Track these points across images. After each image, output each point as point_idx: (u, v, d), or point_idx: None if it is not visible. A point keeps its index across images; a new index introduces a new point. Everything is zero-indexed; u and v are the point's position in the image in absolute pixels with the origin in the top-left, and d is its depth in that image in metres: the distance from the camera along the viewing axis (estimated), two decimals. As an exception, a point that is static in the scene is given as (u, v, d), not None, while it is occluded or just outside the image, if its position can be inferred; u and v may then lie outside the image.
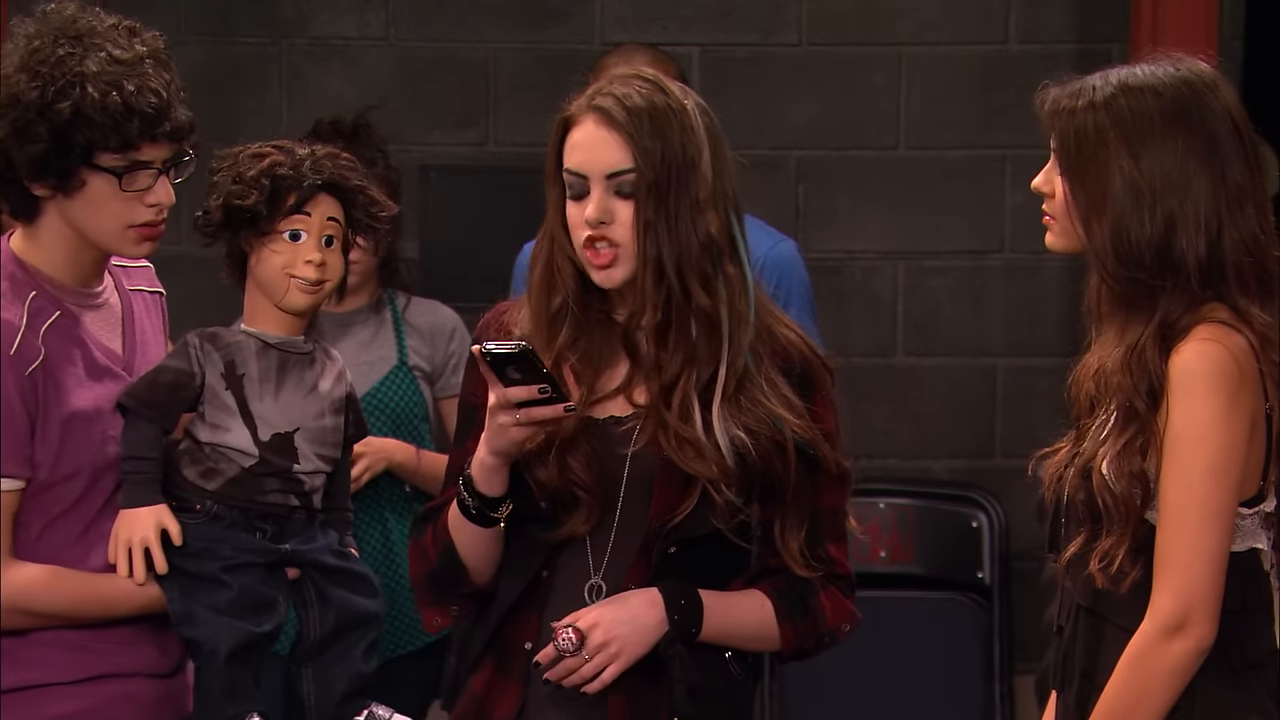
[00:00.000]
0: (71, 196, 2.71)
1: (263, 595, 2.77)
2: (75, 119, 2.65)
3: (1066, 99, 2.72)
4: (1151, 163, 2.65)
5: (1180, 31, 4.99)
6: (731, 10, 5.52)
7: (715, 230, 2.76)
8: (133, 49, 2.70)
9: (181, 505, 2.78)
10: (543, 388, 2.66)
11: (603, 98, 2.78)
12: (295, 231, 2.80)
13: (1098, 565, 2.63)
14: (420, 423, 4.16)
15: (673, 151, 2.75)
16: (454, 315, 4.27)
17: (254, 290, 2.83)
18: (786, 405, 2.78)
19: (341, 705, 2.83)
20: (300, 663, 2.85)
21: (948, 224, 5.55)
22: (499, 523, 2.79)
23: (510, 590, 2.83)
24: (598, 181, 2.76)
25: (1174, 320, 2.64)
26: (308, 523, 2.84)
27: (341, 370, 2.91)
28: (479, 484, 2.77)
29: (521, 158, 5.49)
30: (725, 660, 2.82)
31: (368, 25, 5.50)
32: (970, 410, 5.60)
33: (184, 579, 2.76)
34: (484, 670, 2.84)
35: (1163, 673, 2.61)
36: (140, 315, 2.89)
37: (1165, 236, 2.64)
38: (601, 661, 2.72)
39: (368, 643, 2.86)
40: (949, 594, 5.35)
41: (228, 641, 2.73)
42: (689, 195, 2.75)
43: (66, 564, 2.75)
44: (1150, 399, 2.62)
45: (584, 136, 2.78)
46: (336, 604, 2.84)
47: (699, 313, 2.75)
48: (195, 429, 2.80)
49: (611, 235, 2.76)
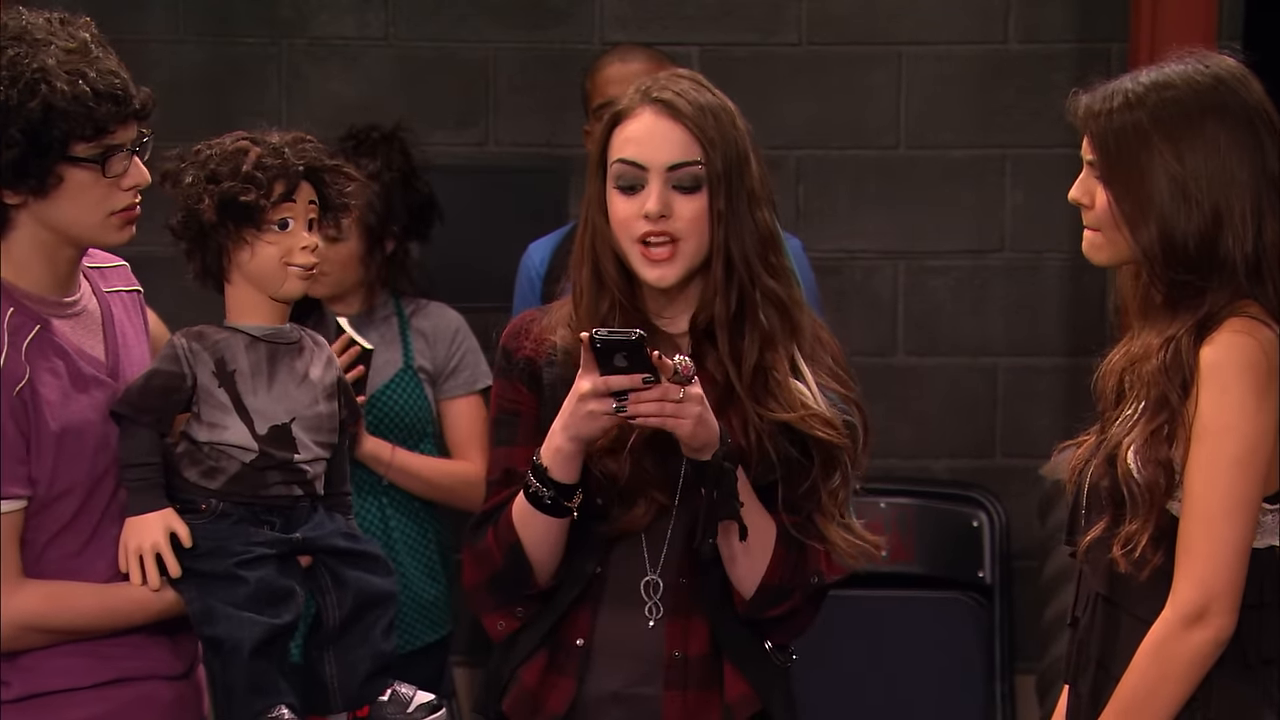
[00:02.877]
0: (49, 196, 2.68)
1: (280, 586, 2.77)
2: (48, 114, 2.62)
3: (1100, 102, 2.70)
4: (1195, 158, 2.64)
5: (1179, 31, 4.98)
6: (731, 10, 5.51)
7: (767, 223, 2.82)
8: (76, 37, 2.68)
9: (187, 507, 2.78)
10: (646, 377, 2.66)
11: (661, 91, 2.80)
12: (284, 220, 2.80)
13: (1120, 550, 2.63)
14: (423, 425, 4.16)
15: (731, 145, 2.78)
16: (458, 317, 4.27)
17: (242, 285, 2.82)
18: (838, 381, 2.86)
19: (365, 686, 2.84)
20: (321, 647, 2.85)
21: (948, 224, 5.54)
22: (573, 512, 2.79)
23: (567, 586, 2.84)
24: (657, 174, 2.77)
25: (1215, 314, 2.64)
26: (313, 510, 2.84)
27: (330, 355, 2.91)
28: (554, 472, 2.76)
29: (521, 158, 5.49)
30: (766, 651, 2.84)
31: (368, 25, 5.49)
32: (970, 410, 5.60)
33: (199, 579, 2.76)
34: (536, 663, 2.85)
35: (1182, 662, 2.61)
36: (120, 317, 2.87)
37: (1212, 232, 2.63)
38: (683, 410, 2.68)
39: (386, 622, 2.87)
40: (949, 593, 5.35)
41: (250, 637, 2.73)
42: (747, 188, 2.79)
43: (72, 575, 2.74)
44: (1183, 389, 2.62)
45: (642, 129, 2.79)
46: (353, 586, 2.84)
47: (772, 299, 2.79)
48: (192, 430, 2.79)
49: (672, 229, 2.77)
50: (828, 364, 2.86)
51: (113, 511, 2.76)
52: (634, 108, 2.81)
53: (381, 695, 2.84)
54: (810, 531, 2.83)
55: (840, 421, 2.81)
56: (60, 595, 2.72)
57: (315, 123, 4.48)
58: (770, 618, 2.82)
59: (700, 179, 2.77)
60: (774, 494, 2.83)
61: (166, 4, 5.35)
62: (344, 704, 2.84)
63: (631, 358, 2.65)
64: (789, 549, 2.80)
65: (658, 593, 2.82)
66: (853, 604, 5.21)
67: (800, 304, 2.85)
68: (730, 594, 2.82)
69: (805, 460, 2.82)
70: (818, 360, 2.86)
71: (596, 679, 2.83)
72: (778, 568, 2.79)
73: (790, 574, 2.80)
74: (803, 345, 2.84)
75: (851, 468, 2.84)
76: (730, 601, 2.82)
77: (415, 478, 4.11)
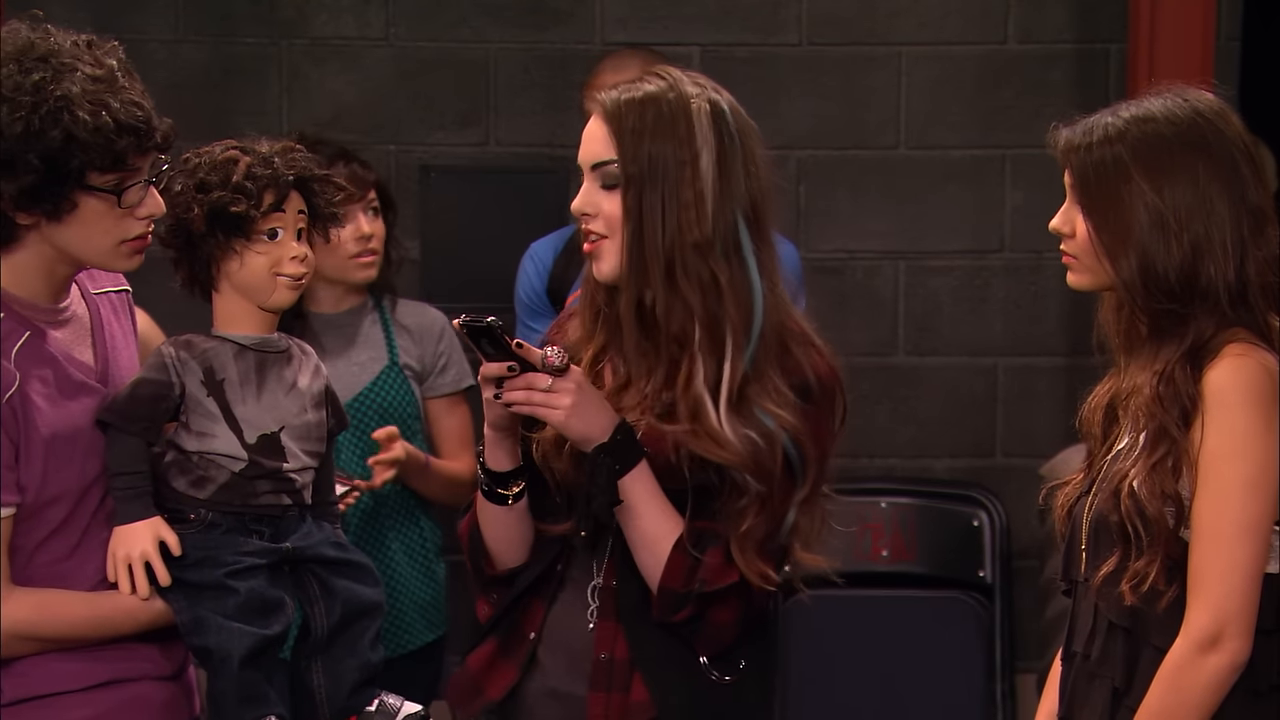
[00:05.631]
0: (62, 220, 2.66)
1: (270, 597, 2.77)
2: (68, 144, 2.60)
3: (1080, 136, 2.71)
4: (1174, 191, 2.65)
5: (1178, 31, 4.99)
6: (731, 10, 5.52)
7: (710, 230, 2.75)
8: (103, 64, 2.65)
9: (175, 517, 2.77)
10: (511, 365, 2.68)
11: (606, 92, 2.80)
12: (273, 230, 2.79)
13: (1129, 585, 2.63)
14: (412, 421, 4.16)
15: (660, 148, 2.75)
16: (441, 316, 4.27)
17: (230, 294, 2.81)
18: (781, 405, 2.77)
19: (352, 696, 2.83)
20: (309, 657, 2.85)
21: (948, 224, 5.55)
22: (509, 500, 2.80)
23: (524, 578, 2.86)
24: (587, 173, 2.79)
25: (1204, 342, 2.64)
26: (302, 519, 2.84)
27: (318, 364, 2.90)
28: (487, 459, 2.81)
29: (521, 158, 5.49)
30: (701, 666, 2.81)
31: (368, 25, 5.50)
32: (971, 410, 5.60)
33: (189, 589, 2.75)
34: (485, 649, 2.87)
35: (1199, 688, 2.60)
36: (109, 320, 2.86)
37: (1193, 263, 2.64)
38: (553, 400, 2.70)
39: (374, 632, 2.86)
40: (950, 593, 5.35)
41: (240, 647, 2.72)
42: (679, 194, 2.74)
43: (61, 579, 2.73)
44: (1182, 419, 2.62)
45: (587, 130, 2.82)
46: (342, 595, 2.84)
47: (697, 313, 2.75)
48: (181, 439, 2.78)
49: (595, 227, 2.77)
50: (773, 385, 2.77)
51: (102, 517, 2.75)
52: (592, 109, 2.83)
53: (369, 705, 2.84)
54: (709, 542, 2.77)
55: (738, 445, 2.72)
56: (49, 604, 2.72)
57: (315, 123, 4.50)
58: (680, 624, 2.79)
59: (617, 177, 2.76)
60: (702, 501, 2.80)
61: (166, 4, 5.36)
62: (331, 714, 2.83)
63: (495, 345, 2.68)
64: (684, 555, 2.77)
65: (598, 597, 2.83)
66: (853, 604, 5.22)
67: (740, 323, 2.75)
68: (650, 600, 2.81)
69: (718, 476, 2.78)
70: (763, 380, 2.77)
71: (538, 673, 2.84)
72: (673, 573, 2.76)
73: (685, 580, 2.76)
74: (736, 363, 2.75)
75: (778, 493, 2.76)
76: (650, 607, 2.80)
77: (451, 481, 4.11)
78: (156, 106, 2.71)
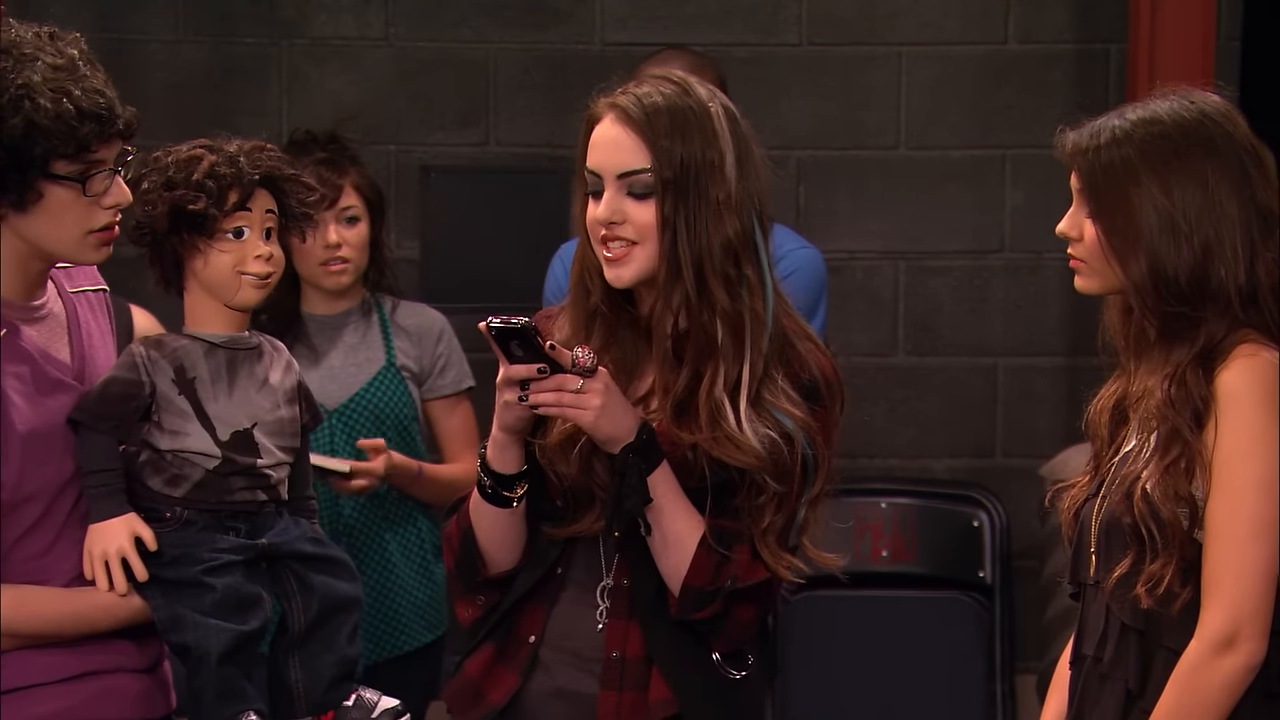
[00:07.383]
0: (27, 211, 2.67)
1: (247, 593, 2.77)
2: (30, 132, 2.60)
3: (1087, 139, 2.70)
4: (1183, 193, 2.65)
5: (1178, 31, 4.99)
6: (731, 10, 5.52)
7: (735, 233, 2.76)
8: (64, 54, 2.66)
9: (151, 515, 2.77)
10: (541, 367, 2.68)
11: (623, 96, 2.80)
12: (238, 229, 2.80)
13: (1144, 587, 2.62)
14: (410, 423, 4.15)
15: (691, 152, 2.76)
16: (441, 317, 4.26)
17: (198, 292, 2.82)
18: (794, 404, 2.78)
19: (330, 691, 2.84)
20: (286, 652, 2.85)
21: (948, 224, 5.55)
22: (513, 503, 2.81)
23: (524, 582, 2.85)
24: (610, 181, 2.78)
25: (1215, 344, 2.64)
26: (278, 515, 2.85)
27: (289, 360, 2.91)
28: (492, 461, 2.80)
29: (521, 158, 5.49)
30: (715, 662, 2.82)
31: (368, 25, 5.50)
32: (971, 410, 5.60)
33: (166, 586, 2.75)
34: (482, 654, 2.86)
35: (1214, 689, 2.59)
36: (86, 319, 2.86)
37: (1204, 265, 2.64)
38: (583, 401, 2.71)
39: (351, 627, 2.87)
40: (950, 593, 5.35)
41: (218, 644, 2.72)
42: (709, 197, 2.75)
43: (37, 575, 2.73)
44: (1195, 422, 2.62)
45: (601, 135, 2.80)
46: (319, 591, 2.84)
47: (722, 314, 2.76)
48: (154, 438, 2.78)
49: (624, 234, 2.77)
50: (783, 383, 2.79)
51: (78, 515, 2.76)
52: (600, 114, 2.82)
53: (346, 700, 2.85)
54: (732, 540, 2.79)
55: (758, 448, 2.74)
56: (26, 601, 2.72)
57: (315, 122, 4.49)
58: (701, 621, 2.80)
59: (650, 186, 2.76)
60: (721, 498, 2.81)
61: (166, 4, 5.36)
62: (309, 709, 2.84)
63: (525, 347, 2.68)
64: (710, 553, 2.78)
65: (609, 596, 2.83)
66: (853, 604, 5.22)
67: (760, 322, 2.79)
68: (666, 598, 2.82)
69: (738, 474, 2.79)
70: (772, 378, 2.79)
71: (541, 675, 2.84)
72: (699, 570, 2.77)
73: (712, 577, 2.77)
74: (756, 362, 2.78)
75: (795, 490, 2.78)
76: (666, 605, 2.81)
77: (448, 485, 4.10)
78: (156, 107, 2.71)
